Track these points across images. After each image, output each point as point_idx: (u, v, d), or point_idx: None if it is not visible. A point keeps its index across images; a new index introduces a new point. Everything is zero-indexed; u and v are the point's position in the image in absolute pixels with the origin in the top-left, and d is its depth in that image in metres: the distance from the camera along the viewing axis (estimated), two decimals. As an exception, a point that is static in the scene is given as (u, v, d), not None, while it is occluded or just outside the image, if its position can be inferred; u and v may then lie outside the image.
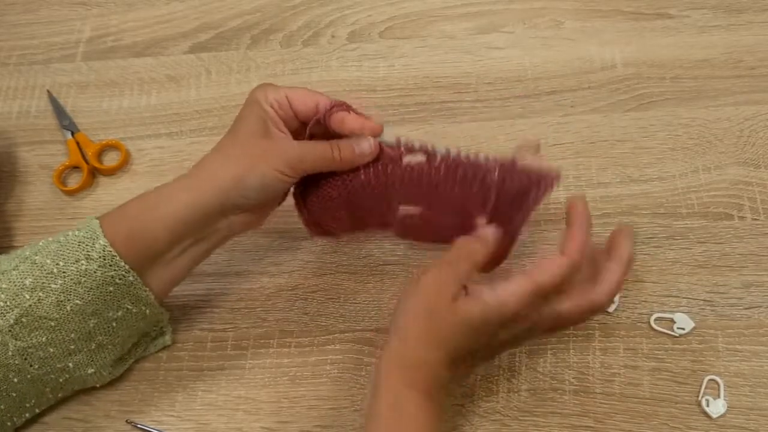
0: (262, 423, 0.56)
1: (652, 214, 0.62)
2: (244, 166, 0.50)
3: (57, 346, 0.51)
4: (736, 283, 0.58)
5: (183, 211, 0.50)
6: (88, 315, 0.51)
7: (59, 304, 0.49)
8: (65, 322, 0.50)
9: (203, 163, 0.52)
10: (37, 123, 0.72)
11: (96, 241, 0.49)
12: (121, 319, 0.52)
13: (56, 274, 0.49)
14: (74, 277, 0.49)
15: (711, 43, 0.70)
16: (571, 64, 0.70)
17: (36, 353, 0.50)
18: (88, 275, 0.49)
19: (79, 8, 0.80)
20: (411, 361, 0.46)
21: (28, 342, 0.50)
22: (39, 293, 0.49)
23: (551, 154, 0.65)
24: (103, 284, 0.50)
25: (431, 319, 0.46)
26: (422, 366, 0.46)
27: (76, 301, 0.50)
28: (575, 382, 0.55)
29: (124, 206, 0.52)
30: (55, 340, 0.50)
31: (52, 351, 0.51)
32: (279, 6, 0.78)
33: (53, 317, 0.50)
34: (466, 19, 0.75)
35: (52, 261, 0.49)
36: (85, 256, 0.49)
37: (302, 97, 0.52)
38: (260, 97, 0.52)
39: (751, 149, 0.64)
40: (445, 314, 0.46)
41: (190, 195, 0.50)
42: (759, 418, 0.53)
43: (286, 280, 0.62)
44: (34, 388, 0.53)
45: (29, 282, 0.49)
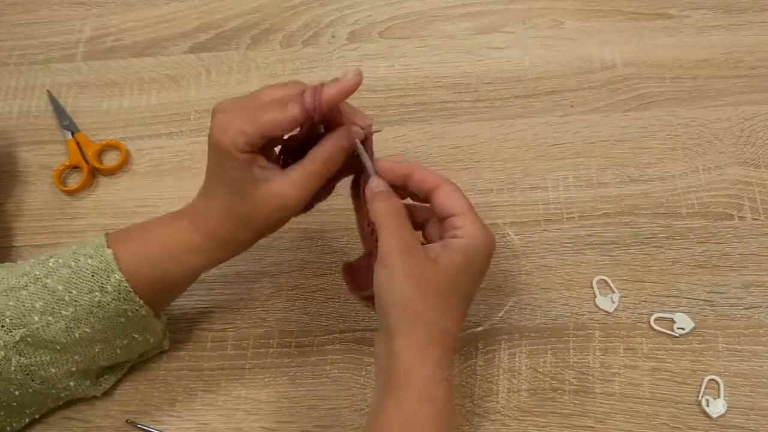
0: (262, 423, 0.56)
1: (652, 214, 0.62)
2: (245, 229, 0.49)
3: (59, 367, 0.51)
4: (736, 283, 0.58)
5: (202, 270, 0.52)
6: (95, 342, 0.51)
7: (68, 330, 0.50)
8: (71, 346, 0.50)
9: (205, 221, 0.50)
10: (37, 123, 0.72)
11: (111, 275, 0.49)
12: (126, 346, 0.53)
13: (68, 302, 0.49)
14: (87, 308, 0.49)
15: (711, 43, 0.70)
16: (571, 64, 0.70)
17: (38, 371, 0.51)
18: (102, 307, 0.49)
19: (79, 8, 0.80)
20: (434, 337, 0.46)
21: (32, 360, 0.50)
22: (48, 317, 0.49)
23: (551, 154, 0.65)
24: (115, 316, 0.50)
25: (428, 291, 0.46)
26: (445, 337, 0.46)
27: (85, 329, 0.50)
28: (575, 382, 0.55)
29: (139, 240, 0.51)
30: (58, 361, 0.51)
31: (54, 371, 0.51)
32: (279, 6, 0.78)
33: (60, 342, 0.50)
34: (466, 19, 0.75)
35: (64, 288, 0.49)
36: (99, 288, 0.49)
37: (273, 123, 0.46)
38: (227, 145, 0.46)
39: (751, 149, 0.64)
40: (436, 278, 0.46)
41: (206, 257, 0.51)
42: (759, 418, 0.53)
43: (286, 280, 0.62)
44: (35, 399, 0.53)
45: (39, 305, 0.49)
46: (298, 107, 0.45)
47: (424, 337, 0.46)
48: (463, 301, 0.48)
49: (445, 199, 0.48)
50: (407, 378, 0.45)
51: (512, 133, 0.67)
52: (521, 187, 0.64)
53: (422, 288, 0.46)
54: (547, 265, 0.60)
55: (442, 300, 0.46)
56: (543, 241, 0.61)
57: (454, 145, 0.67)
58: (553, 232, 0.62)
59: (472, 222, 0.48)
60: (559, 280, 0.59)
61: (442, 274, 0.46)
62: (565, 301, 0.58)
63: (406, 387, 0.45)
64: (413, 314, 0.46)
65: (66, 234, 0.65)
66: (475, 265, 0.48)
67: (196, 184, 0.51)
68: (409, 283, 0.46)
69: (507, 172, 0.65)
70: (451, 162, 0.66)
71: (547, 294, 0.59)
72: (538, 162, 0.65)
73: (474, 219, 0.48)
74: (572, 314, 0.58)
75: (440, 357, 0.46)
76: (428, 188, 0.49)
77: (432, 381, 0.45)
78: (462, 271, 0.47)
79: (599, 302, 0.58)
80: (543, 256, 0.60)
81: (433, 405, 0.45)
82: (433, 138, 0.67)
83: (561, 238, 0.61)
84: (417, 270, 0.46)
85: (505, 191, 0.64)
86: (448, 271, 0.46)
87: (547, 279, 0.59)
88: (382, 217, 0.48)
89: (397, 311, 0.46)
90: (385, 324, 0.46)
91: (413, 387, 0.45)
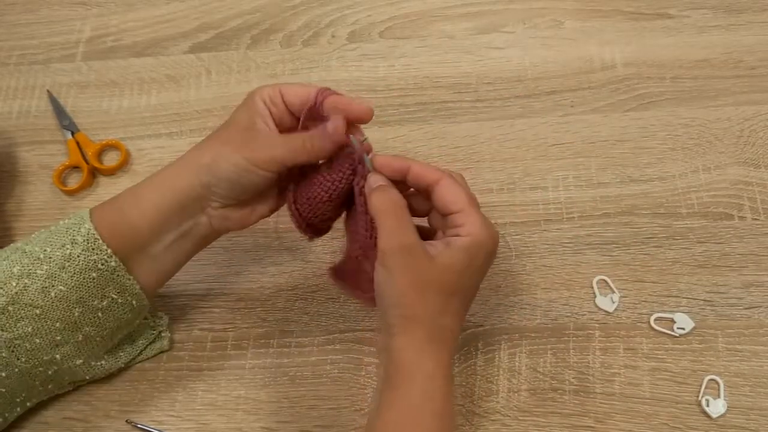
0: (262, 423, 0.56)
1: (652, 214, 0.62)
2: (217, 153, 0.50)
3: (43, 337, 0.51)
4: (736, 283, 0.58)
5: (159, 201, 0.50)
6: (72, 303, 0.50)
7: (44, 290, 0.49)
8: (50, 310, 0.50)
9: (187, 152, 0.52)
10: (37, 123, 0.72)
11: (82, 226, 0.50)
12: (106, 309, 0.52)
13: (42, 259, 0.50)
14: (59, 262, 0.49)
15: (711, 43, 0.70)
16: (571, 64, 0.70)
17: (22, 345, 0.50)
18: (72, 260, 0.49)
19: (79, 8, 0.80)
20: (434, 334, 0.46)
21: (14, 333, 0.50)
22: (25, 280, 0.49)
23: (551, 154, 0.65)
24: (86, 269, 0.50)
25: (428, 290, 0.46)
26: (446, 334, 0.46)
27: (60, 287, 0.50)
28: (575, 382, 0.55)
29: (115, 197, 0.52)
30: (41, 330, 0.50)
31: (38, 342, 0.51)
32: (279, 6, 0.78)
33: (38, 304, 0.50)
34: (466, 19, 0.75)
35: (39, 248, 0.50)
36: (70, 241, 0.50)
37: (295, 89, 0.51)
38: (255, 93, 0.52)
39: (751, 149, 0.64)
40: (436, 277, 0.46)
41: (167, 184, 0.51)
42: (759, 418, 0.53)
43: (286, 280, 0.62)
44: (23, 382, 0.52)
45: (17, 270, 0.49)
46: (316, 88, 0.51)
47: (424, 335, 0.46)
48: (464, 300, 0.48)
49: (444, 195, 0.48)
50: (407, 376, 0.45)
51: (512, 133, 0.67)
52: (521, 187, 0.64)
53: (422, 288, 0.46)
54: (547, 265, 0.60)
55: (442, 299, 0.46)
56: (543, 241, 0.61)
57: (454, 145, 0.67)
58: (553, 232, 0.62)
59: (474, 219, 0.47)
60: (559, 280, 0.59)
61: (443, 273, 0.46)
62: (565, 301, 0.58)
63: (406, 385, 0.45)
64: (413, 314, 0.46)
65: (66, 234, 0.66)
66: (478, 263, 0.47)
67: (196, 184, 0.51)
68: (408, 284, 0.46)
69: (507, 172, 0.65)
70: (451, 162, 0.66)
71: (547, 294, 0.59)
72: (538, 162, 0.65)
73: (475, 216, 0.47)
74: (572, 314, 0.58)
75: (440, 355, 0.46)
76: (427, 183, 0.49)
77: (432, 379, 0.45)
78: (464, 269, 0.47)
79: (599, 302, 0.58)
80: (543, 256, 0.60)
81: (434, 403, 0.45)
82: (433, 138, 0.67)
83: (561, 238, 0.61)
84: (417, 269, 0.46)
85: (505, 191, 0.64)
86: (449, 270, 0.46)
87: (547, 279, 0.59)
88: (380, 211, 0.47)
89: (396, 312, 0.46)
90: (385, 323, 0.46)
91: (414, 385, 0.45)
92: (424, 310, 0.46)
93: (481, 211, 0.48)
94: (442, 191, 0.48)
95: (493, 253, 0.49)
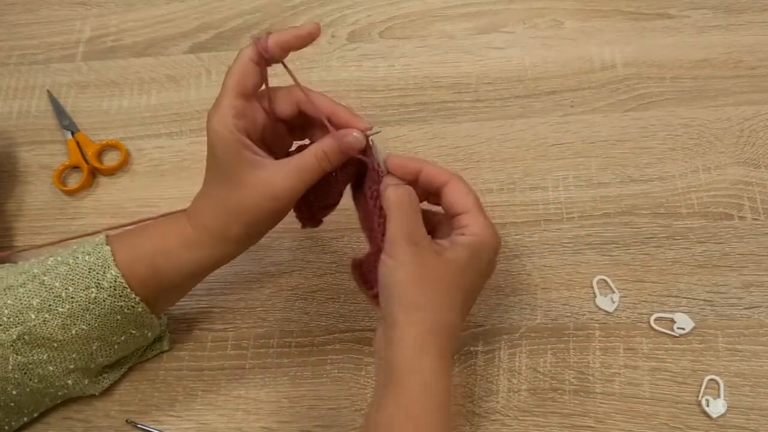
0: (262, 423, 0.56)
1: (652, 214, 0.62)
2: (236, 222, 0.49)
3: (57, 365, 0.51)
4: (736, 283, 0.58)
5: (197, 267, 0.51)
6: (92, 339, 0.51)
7: (65, 327, 0.49)
8: (68, 344, 0.50)
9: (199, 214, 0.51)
10: (37, 123, 0.72)
11: (107, 271, 0.49)
12: (123, 342, 0.53)
13: (64, 298, 0.49)
14: (83, 304, 0.49)
15: (711, 43, 0.70)
16: (571, 64, 0.70)
17: (36, 370, 0.51)
18: (97, 303, 0.49)
19: (79, 8, 0.80)
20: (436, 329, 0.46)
21: (29, 358, 0.50)
22: (45, 315, 0.49)
23: (551, 154, 0.65)
24: (111, 313, 0.50)
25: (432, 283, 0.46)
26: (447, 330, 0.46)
27: (82, 326, 0.50)
28: (575, 382, 0.55)
29: (136, 237, 0.52)
30: (56, 359, 0.51)
31: (51, 369, 0.51)
32: (279, 6, 0.78)
33: (57, 339, 0.50)
34: (466, 19, 0.75)
35: (61, 284, 0.49)
36: (95, 284, 0.49)
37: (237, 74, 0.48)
38: (216, 126, 0.47)
39: (751, 149, 0.64)
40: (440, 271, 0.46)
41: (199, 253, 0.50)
42: (759, 418, 0.53)
43: (286, 280, 0.62)
44: (33, 399, 0.53)
45: (36, 302, 0.49)
46: (249, 48, 0.49)
47: (426, 328, 0.46)
48: (466, 297, 0.49)
49: (452, 196, 0.49)
50: (408, 369, 0.45)
51: (512, 133, 0.67)
52: (521, 187, 0.64)
53: (427, 280, 0.46)
54: (547, 265, 0.60)
55: (445, 294, 0.46)
56: (543, 241, 0.61)
57: (454, 145, 0.67)
58: (553, 232, 0.62)
59: (478, 221, 0.48)
60: (559, 280, 0.59)
61: (447, 268, 0.46)
62: (565, 301, 0.58)
63: (407, 379, 0.45)
64: (415, 305, 0.46)
65: (66, 234, 0.65)
66: (481, 262, 0.48)
67: (196, 184, 0.51)
68: (413, 275, 0.46)
69: (507, 172, 0.65)
70: (451, 162, 0.66)
71: (547, 294, 0.59)
72: (538, 162, 0.65)
73: (480, 217, 0.48)
74: (572, 314, 0.58)
75: (441, 349, 0.46)
76: (437, 184, 0.49)
77: (433, 373, 0.45)
78: (467, 266, 0.47)
79: (599, 302, 0.58)
80: (543, 256, 0.60)
81: (434, 397, 0.45)
82: (433, 138, 0.67)
83: (561, 238, 0.61)
84: (422, 262, 0.46)
85: (505, 191, 0.64)
86: (452, 266, 0.47)
87: (547, 279, 0.59)
88: (392, 204, 0.47)
89: (399, 301, 0.46)
90: (387, 314, 0.46)
91: (414, 379, 0.45)
92: (426, 302, 0.46)
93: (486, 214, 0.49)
94: (452, 192, 0.49)
95: (496, 255, 0.49)
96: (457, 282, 0.47)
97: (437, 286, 0.46)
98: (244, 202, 0.48)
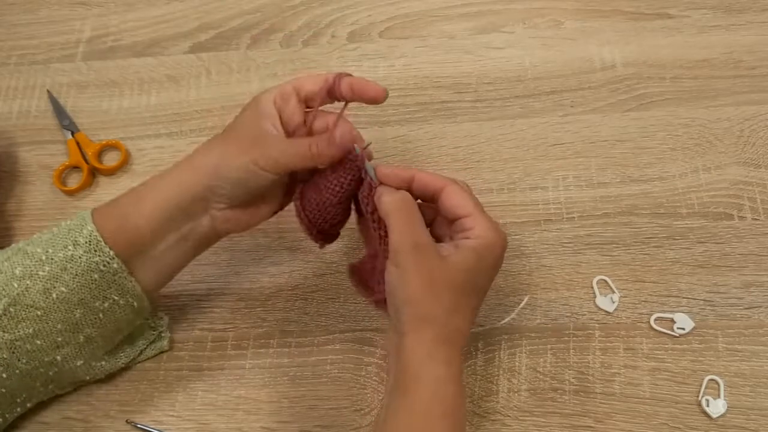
0: (262, 423, 0.56)
1: (652, 214, 0.62)
2: (222, 155, 0.50)
3: (44, 338, 0.51)
4: (736, 283, 0.58)
5: (162, 202, 0.50)
6: (74, 304, 0.50)
7: (45, 291, 0.49)
8: (51, 311, 0.50)
9: (191, 153, 0.52)
10: (37, 123, 0.72)
11: (84, 227, 0.50)
12: (108, 310, 0.52)
13: (44, 261, 0.50)
14: (60, 263, 0.49)
15: (711, 43, 0.70)
16: (571, 64, 0.70)
17: (23, 346, 0.50)
18: (74, 261, 0.50)
19: (79, 8, 0.80)
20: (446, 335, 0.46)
21: (15, 334, 0.50)
22: (27, 281, 0.49)
23: (551, 154, 0.65)
24: (87, 271, 0.50)
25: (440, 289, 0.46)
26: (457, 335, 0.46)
27: (61, 288, 0.50)
28: (575, 382, 0.55)
29: (117, 198, 0.52)
30: (42, 332, 0.50)
31: (39, 343, 0.51)
32: (279, 6, 0.78)
33: (39, 306, 0.50)
34: (466, 19, 0.75)
35: (42, 249, 0.50)
36: (72, 242, 0.50)
37: (310, 78, 0.52)
38: (263, 94, 0.52)
39: (751, 149, 0.64)
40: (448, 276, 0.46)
41: (170, 185, 0.51)
42: (759, 418, 0.53)
43: (286, 280, 0.62)
44: (24, 383, 0.52)
45: (19, 271, 0.50)
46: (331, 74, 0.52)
47: (436, 336, 0.46)
48: (474, 300, 0.48)
49: (451, 201, 0.48)
50: (417, 378, 0.45)
51: (512, 133, 0.67)
52: (521, 187, 0.64)
53: (434, 286, 0.46)
54: (547, 265, 0.60)
55: (454, 299, 0.46)
56: (543, 241, 0.61)
57: (454, 145, 0.67)
58: (553, 232, 0.62)
59: (482, 222, 0.48)
60: (559, 280, 0.59)
61: (454, 272, 0.46)
62: (565, 301, 0.58)
63: (416, 386, 0.45)
64: (425, 313, 0.46)
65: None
66: (487, 265, 0.48)
67: (196, 184, 0.51)
68: (420, 282, 0.46)
69: (507, 172, 0.65)
70: (451, 162, 0.66)
71: (547, 294, 0.59)
72: (538, 162, 0.65)
73: (483, 219, 0.48)
74: (572, 314, 0.58)
75: (451, 356, 0.46)
76: (433, 191, 0.49)
77: (443, 381, 0.45)
78: (474, 269, 0.47)
79: (599, 302, 0.58)
80: (543, 256, 0.60)
81: (444, 405, 0.45)
82: (433, 138, 0.67)
83: (561, 238, 0.61)
84: (429, 268, 0.46)
85: (505, 191, 0.64)
86: (459, 270, 0.46)
87: (547, 279, 0.59)
88: (390, 211, 0.47)
89: (408, 310, 0.46)
90: (396, 322, 0.46)
91: (423, 388, 0.45)
92: (435, 308, 0.46)
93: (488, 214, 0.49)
94: (449, 197, 0.49)
95: (502, 255, 0.49)
96: (464, 286, 0.47)
97: (444, 291, 0.46)
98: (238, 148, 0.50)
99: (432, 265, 0.46)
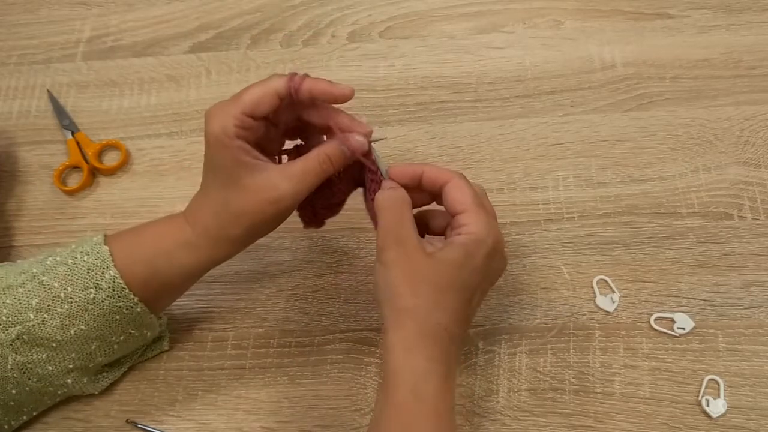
0: (262, 423, 0.56)
1: (652, 214, 0.62)
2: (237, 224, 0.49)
3: (56, 365, 0.51)
4: (736, 283, 0.58)
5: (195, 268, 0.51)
6: (91, 339, 0.51)
7: (63, 327, 0.50)
8: (67, 344, 0.50)
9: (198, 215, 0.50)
10: (37, 123, 0.72)
11: (106, 271, 0.49)
12: (122, 342, 0.53)
13: (63, 299, 0.49)
14: (81, 305, 0.49)
15: (711, 43, 0.70)
16: (571, 64, 0.70)
17: (35, 369, 0.51)
18: (96, 304, 0.49)
19: (79, 8, 0.80)
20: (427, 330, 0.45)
21: (28, 358, 0.50)
22: (44, 315, 0.49)
23: (551, 154, 0.65)
24: (110, 313, 0.50)
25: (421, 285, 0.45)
26: (439, 331, 0.46)
27: (81, 326, 0.50)
28: (575, 382, 0.55)
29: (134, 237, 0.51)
30: (55, 359, 0.51)
31: (50, 369, 0.51)
32: (279, 6, 0.78)
33: (56, 339, 0.50)
34: (466, 19, 0.75)
35: (60, 285, 0.49)
36: (93, 285, 0.49)
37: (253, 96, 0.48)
38: (218, 131, 0.47)
39: (751, 149, 0.64)
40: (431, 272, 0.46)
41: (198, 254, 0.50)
42: (759, 418, 0.53)
43: (286, 280, 0.62)
44: (32, 398, 0.53)
45: (35, 303, 0.49)
46: (282, 80, 0.48)
47: (416, 330, 0.45)
48: (461, 296, 0.47)
49: (451, 195, 0.48)
50: (396, 371, 0.45)
51: (512, 133, 0.67)
52: (521, 187, 0.64)
53: (415, 282, 0.46)
54: (547, 265, 0.60)
55: (435, 293, 0.46)
56: (543, 241, 0.61)
57: (454, 145, 0.67)
58: (553, 232, 0.62)
59: (476, 219, 0.47)
60: (559, 280, 0.59)
61: (438, 267, 0.46)
62: (565, 301, 0.58)
63: (395, 380, 0.45)
64: (403, 306, 0.45)
65: (66, 234, 0.65)
66: (476, 262, 0.47)
67: (196, 184, 0.51)
68: (401, 277, 0.46)
69: (507, 172, 0.65)
70: (451, 162, 0.66)
71: (547, 294, 0.59)
72: (538, 162, 0.65)
73: (478, 215, 0.47)
74: (572, 314, 0.58)
75: (433, 351, 0.45)
76: (440, 184, 0.49)
77: (422, 374, 0.45)
78: (461, 266, 0.46)
79: (599, 302, 0.58)
80: (543, 256, 0.60)
81: (425, 403, 0.44)
82: (433, 138, 0.67)
83: (561, 238, 0.61)
84: (409, 262, 0.46)
85: (505, 191, 0.64)
86: (445, 265, 0.46)
87: (547, 279, 0.59)
88: (381, 207, 0.48)
89: (389, 305, 0.46)
90: (382, 320, 0.46)
91: (401, 381, 0.44)
92: (414, 302, 0.45)
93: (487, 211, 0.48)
94: (451, 191, 0.48)
95: (494, 252, 0.48)
96: (450, 282, 0.46)
97: (427, 286, 0.46)
98: (246, 205, 0.48)
99: (413, 259, 0.46)
